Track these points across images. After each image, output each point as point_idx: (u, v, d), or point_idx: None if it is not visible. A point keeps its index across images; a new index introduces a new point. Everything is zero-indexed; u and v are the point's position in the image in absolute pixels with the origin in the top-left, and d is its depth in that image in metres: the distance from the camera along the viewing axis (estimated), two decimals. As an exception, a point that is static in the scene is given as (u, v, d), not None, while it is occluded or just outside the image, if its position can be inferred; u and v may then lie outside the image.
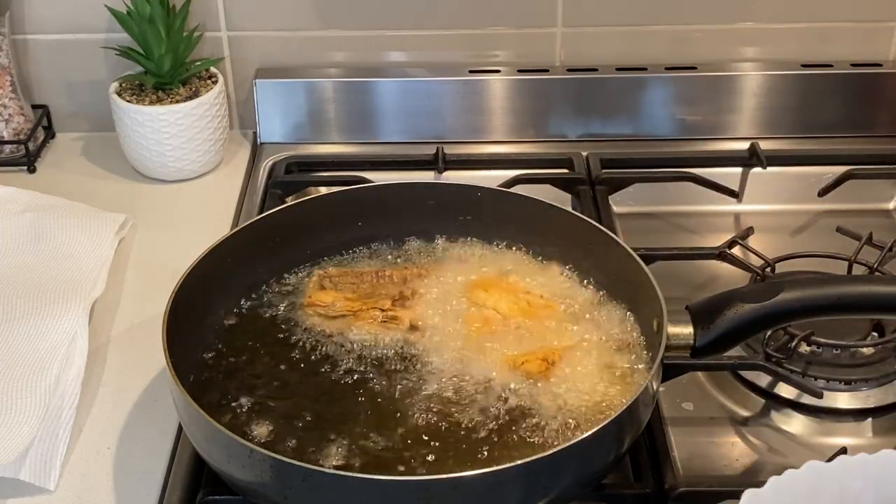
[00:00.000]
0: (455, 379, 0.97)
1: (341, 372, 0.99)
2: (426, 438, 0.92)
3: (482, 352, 1.00)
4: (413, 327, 1.02)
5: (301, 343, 1.02)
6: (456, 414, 0.94)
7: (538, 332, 1.02)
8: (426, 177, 1.36)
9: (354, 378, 0.98)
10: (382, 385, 0.97)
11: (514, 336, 1.02)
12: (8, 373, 1.02)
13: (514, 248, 1.13)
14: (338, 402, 0.96)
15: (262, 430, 0.93)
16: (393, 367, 0.99)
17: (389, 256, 1.13)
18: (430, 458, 0.90)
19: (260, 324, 1.05)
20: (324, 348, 1.02)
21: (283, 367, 1.00)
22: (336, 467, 0.88)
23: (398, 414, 0.94)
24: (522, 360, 0.98)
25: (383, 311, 1.04)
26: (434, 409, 0.94)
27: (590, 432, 0.84)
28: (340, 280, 1.09)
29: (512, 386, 0.96)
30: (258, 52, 1.44)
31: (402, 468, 0.89)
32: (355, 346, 1.01)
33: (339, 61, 1.45)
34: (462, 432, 0.92)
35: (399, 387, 0.97)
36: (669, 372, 0.97)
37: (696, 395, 1.06)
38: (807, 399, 1.03)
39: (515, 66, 1.44)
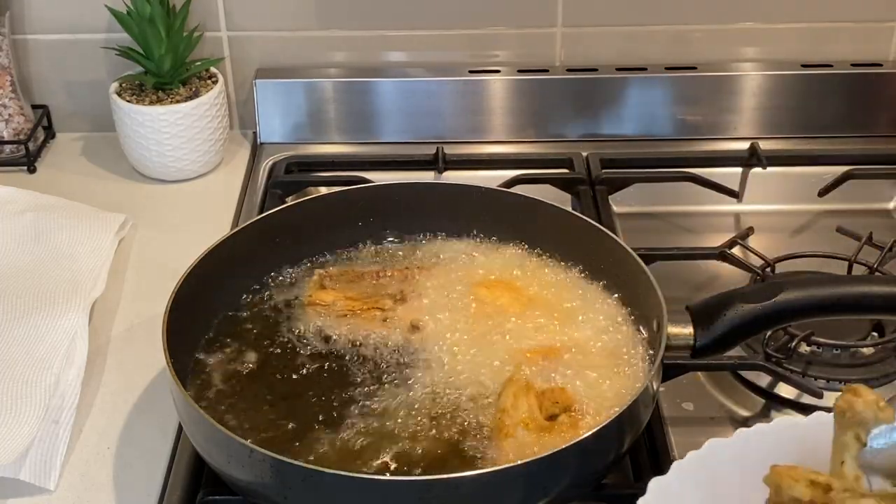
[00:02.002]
0: (456, 378, 0.97)
1: (342, 371, 0.99)
2: (427, 437, 0.92)
3: (484, 350, 1.00)
4: (414, 327, 1.02)
5: (302, 342, 1.02)
6: (458, 412, 0.94)
7: (538, 330, 1.02)
8: (426, 177, 1.36)
9: (354, 376, 0.98)
10: (383, 384, 0.97)
11: (514, 335, 1.01)
12: (8, 373, 1.02)
13: (514, 248, 1.12)
14: (338, 400, 0.96)
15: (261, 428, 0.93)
16: (394, 365, 0.99)
17: (390, 256, 1.13)
18: (430, 457, 0.90)
19: (260, 323, 1.05)
20: (324, 347, 1.01)
21: (283, 366, 1.00)
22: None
23: (398, 413, 0.94)
24: (523, 359, 0.98)
25: (383, 310, 1.04)
26: (435, 408, 0.94)
27: (590, 432, 0.84)
28: (341, 279, 1.09)
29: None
30: (258, 52, 1.44)
31: (401, 468, 0.89)
32: (356, 344, 1.01)
33: (339, 61, 1.45)
34: (463, 431, 0.92)
35: (399, 386, 0.97)
36: (669, 372, 0.97)
37: (696, 395, 1.06)
38: (807, 399, 1.03)
39: (515, 66, 1.44)
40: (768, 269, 1.17)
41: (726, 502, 0.82)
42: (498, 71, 1.43)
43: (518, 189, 1.26)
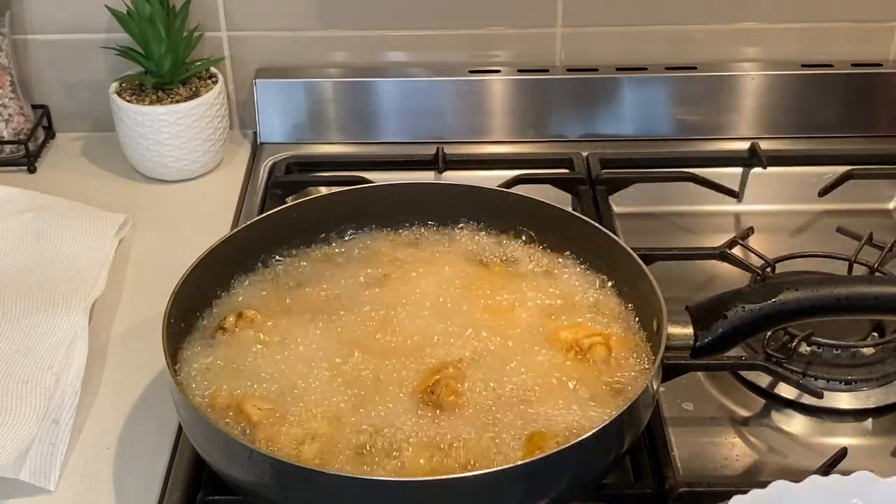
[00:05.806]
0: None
1: (342, 368, 0.99)
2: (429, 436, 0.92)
3: (485, 350, 1.00)
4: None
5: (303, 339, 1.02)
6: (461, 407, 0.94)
7: (538, 330, 1.02)
8: (426, 177, 1.36)
9: (355, 373, 0.98)
10: (385, 382, 0.97)
11: (514, 333, 1.01)
12: (8, 372, 1.02)
13: (513, 248, 1.12)
14: (340, 398, 0.96)
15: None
16: (394, 365, 0.99)
17: (388, 256, 1.13)
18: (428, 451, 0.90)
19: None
20: (325, 345, 1.01)
21: (283, 366, 1.00)
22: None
23: (399, 411, 0.94)
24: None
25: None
26: (437, 407, 0.94)
27: (590, 432, 0.84)
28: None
29: (514, 380, 0.96)
30: (258, 52, 1.44)
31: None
32: (356, 343, 1.01)
33: (339, 61, 1.45)
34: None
35: (399, 383, 0.97)
36: (669, 372, 0.97)
37: (696, 395, 1.06)
38: (807, 399, 1.03)
39: (515, 66, 1.44)
40: (768, 269, 1.17)
41: None
42: (498, 71, 1.43)
43: (518, 189, 1.26)
